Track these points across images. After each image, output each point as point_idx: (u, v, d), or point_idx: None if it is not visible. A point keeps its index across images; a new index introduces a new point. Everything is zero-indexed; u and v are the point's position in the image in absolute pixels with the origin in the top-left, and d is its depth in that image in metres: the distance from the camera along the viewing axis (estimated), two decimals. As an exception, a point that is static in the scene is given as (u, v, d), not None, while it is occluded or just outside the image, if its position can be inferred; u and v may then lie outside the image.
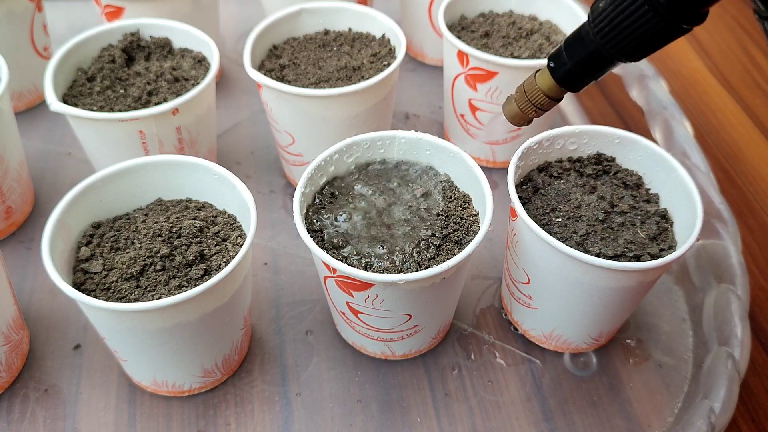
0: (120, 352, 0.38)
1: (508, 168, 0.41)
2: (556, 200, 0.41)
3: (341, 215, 0.40)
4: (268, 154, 0.58)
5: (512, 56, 0.51)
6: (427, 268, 0.35)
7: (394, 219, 0.40)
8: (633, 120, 0.64)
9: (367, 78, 0.49)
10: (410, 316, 0.38)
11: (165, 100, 0.47)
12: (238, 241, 0.39)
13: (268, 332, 0.45)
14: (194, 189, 0.42)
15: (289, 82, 0.49)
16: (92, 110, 0.47)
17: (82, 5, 0.73)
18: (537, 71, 0.32)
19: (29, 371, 0.42)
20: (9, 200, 0.48)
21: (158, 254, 0.37)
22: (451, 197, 0.41)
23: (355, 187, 0.42)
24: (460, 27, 0.56)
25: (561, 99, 0.33)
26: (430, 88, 0.65)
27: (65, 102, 0.48)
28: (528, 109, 0.33)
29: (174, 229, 0.39)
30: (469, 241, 0.38)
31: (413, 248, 0.38)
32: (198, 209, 0.41)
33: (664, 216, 0.40)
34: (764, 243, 0.54)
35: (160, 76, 0.49)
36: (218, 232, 0.39)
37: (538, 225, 0.38)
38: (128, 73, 0.50)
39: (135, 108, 0.47)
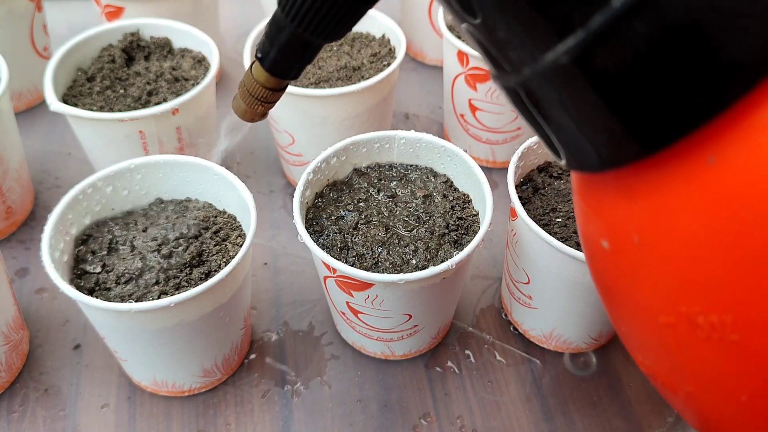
0: (120, 352, 0.38)
1: (508, 168, 0.41)
2: (556, 200, 0.41)
3: (341, 215, 0.40)
4: (268, 154, 0.58)
5: (512, 56, 0.51)
6: (427, 268, 0.35)
7: (393, 219, 0.40)
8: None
9: (367, 78, 0.49)
10: (410, 316, 0.38)
11: (165, 100, 0.47)
12: (238, 241, 0.39)
13: (268, 332, 0.45)
14: (194, 189, 0.42)
15: (289, 82, 0.49)
16: (92, 110, 0.47)
17: (82, 5, 0.73)
18: (252, 63, 0.30)
19: (29, 371, 0.42)
20: (9, 200, 0.48)
21: (158, 254, 0.37)
22: (451, 197, 0.41)
23: (355, 187, 0.42)
24: (460, 27, 0.56)
25: (284, 88, 0.31)
26: (430, 88, 0.65)
27: (65, 102, 0.48)
28: (253, 104, 0.31)
29: (173, 229, 0.39)
30: (469, 241, 0.38)
31: (413, 248, 0.38)
32: (198, 209, 0.41)
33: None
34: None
35: (160, 76, 0.49)
36: (218, 232, 0.39)
37: (538, 225, 0.38)
38: (128, 73, 0.50)
39: (135, 108, 0.47)
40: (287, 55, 0.28)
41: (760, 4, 0.14)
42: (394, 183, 0.42)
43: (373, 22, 0.54)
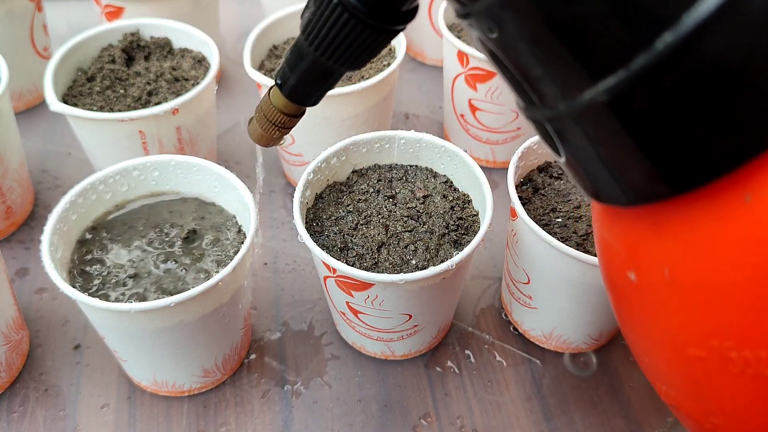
0: (120, 352, 0.38)
1: (508, 168, 0.41)
2: (556, 200, 0.41)
3: (341, 215, 0.40)
4: (268, 154, 0.58)
5: (512, 56, 0.51)
6: (427, 268, 0.35)
7: (393, 219, 0.40)
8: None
9: (367, 78, 0.49)
10: (410, 316, 0.38)
11: (165, 100, 0.47)
12: (238, 241, 0.39)
13: (268, 332, 0.45)
14: (194, 189, 0.42)
15: (289, 82, 0.49)
16: (92, 110, 0.47)
17: (82, 5, 0.73)
18: (270, 88, 0.30)
19: (29, 371, 0.42)
20: (9, 200, 0.48)
21: (158, 254, 0.37)
22: (450, 197, 0.41)
23: (355, 187, 0.42)
24: (460, 27, 0.56)
25: (302, 114, 0.30)
26: (430, 88, 0.65)
27: (65, 102, 0.48)
28: (270, 129, 0.30)
29: (173, 229, 0.39)
30: (469, 241, 0.38)
31: (413, 248, 0.38)
32: (198, 209, 0.41)
33: (664, 216, 0.40)
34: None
35: (160, 76, 0.49)
36: (218, 232, 0.39)
37: (538, 225, 0.38)
38: (128, 73, 0.50)
39: (135, 108, 0.47)
40: (308, 82, 0.28)
41: None
42: (394, 183, 0.42)
43: (373, 22, 0.54)
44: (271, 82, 0.46)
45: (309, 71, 0.27)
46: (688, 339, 0.18)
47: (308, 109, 0.47)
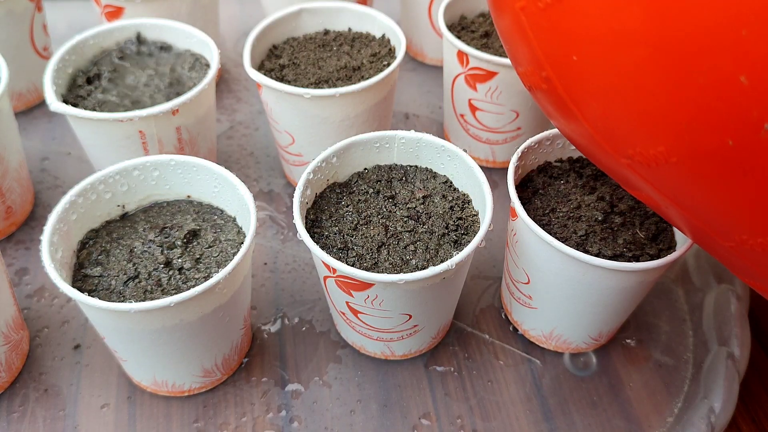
0: (120, 352, 0.38)
1: (508, 168, 0.41)
2: (555, 200, 0.41)
3: (341, 215, 0.40)
4: (268, 154, 0.58)
5: (512, 56, 0.51)
6: (427, 268, 0.35)
7: (393, 219, 0.40)
8: (633, 120, 0.64)
9: (367, 78, 0.49)
10: (410, 316, 0.38)
11: (165, 101, 0.47)
12: (237, 241, 0.39)
13: (268, 332, 0.45)
14: (194, 189, 0.42)
15: (289, 82, 0.49)
16: (92, 110, 0.47)
17: (82, 5, 0.73)
18: None
19: (29, 371, 0.42)
20: (9, 200, 0.48)
21: (158, 254, 0.37)
22: (450, 197, 0.41)
23: (355, 187, 0.42)
24: (460, 27, 0.56)
25: None
26: (430, 88, 0.65)
27: (65, 102, 0.48)
28: None
29: (173, 229, 0.39)
30: (468, 242, 0.38)
31: (413, 248, 0.38)
32: (197, 209, 0.41)
33: (664, 216, 0.41)
34: (764, 243, 0.54)
35: (160, 77, 0.49)
36: (218, 232, 0.39)
37: (538, 225, 0.38)
38: (128, 73, 0.50)
39: (135, 108, 0.47)
40: None
41: None
42: (394, 183, 0.42)
43: (373, 22, 0.54)
44: (271, 82, 0.46)
45: None
46: None
47: (308, 108, 0.47)
